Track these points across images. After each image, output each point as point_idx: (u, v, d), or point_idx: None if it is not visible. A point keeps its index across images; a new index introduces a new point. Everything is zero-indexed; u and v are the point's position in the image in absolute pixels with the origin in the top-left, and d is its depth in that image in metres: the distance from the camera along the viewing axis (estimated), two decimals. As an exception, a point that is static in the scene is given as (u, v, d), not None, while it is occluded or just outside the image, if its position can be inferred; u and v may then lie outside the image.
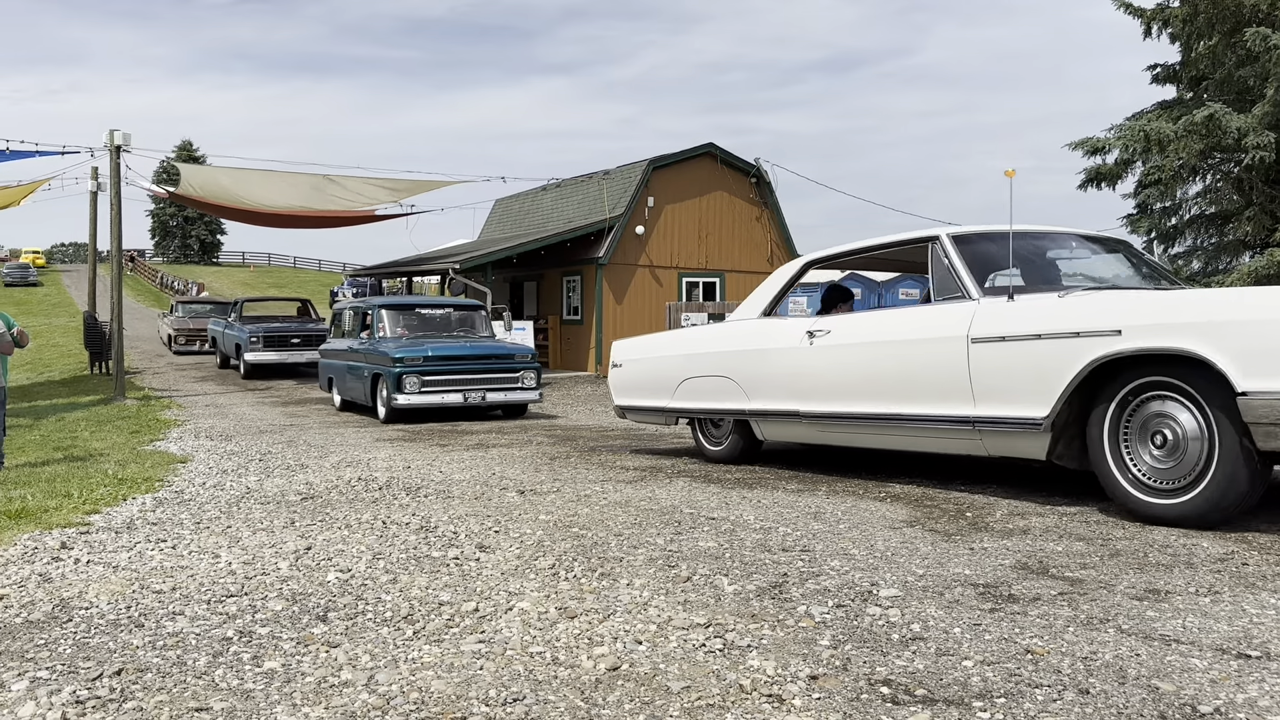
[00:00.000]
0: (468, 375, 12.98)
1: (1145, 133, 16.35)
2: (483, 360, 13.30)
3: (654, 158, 23.97)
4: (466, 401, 12.89)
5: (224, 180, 21.99)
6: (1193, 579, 3.70)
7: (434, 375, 12.69)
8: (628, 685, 2.73)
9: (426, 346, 13.11)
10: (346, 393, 14.65)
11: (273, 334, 21.84)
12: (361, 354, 13.94)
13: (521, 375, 13.36)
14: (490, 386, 13.11)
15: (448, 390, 12.80)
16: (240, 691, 2.75)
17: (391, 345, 13.26)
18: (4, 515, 5.59)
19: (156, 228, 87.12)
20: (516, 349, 14.02)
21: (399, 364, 12.60)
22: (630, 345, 8.67)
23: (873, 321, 6.33)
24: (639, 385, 8.28)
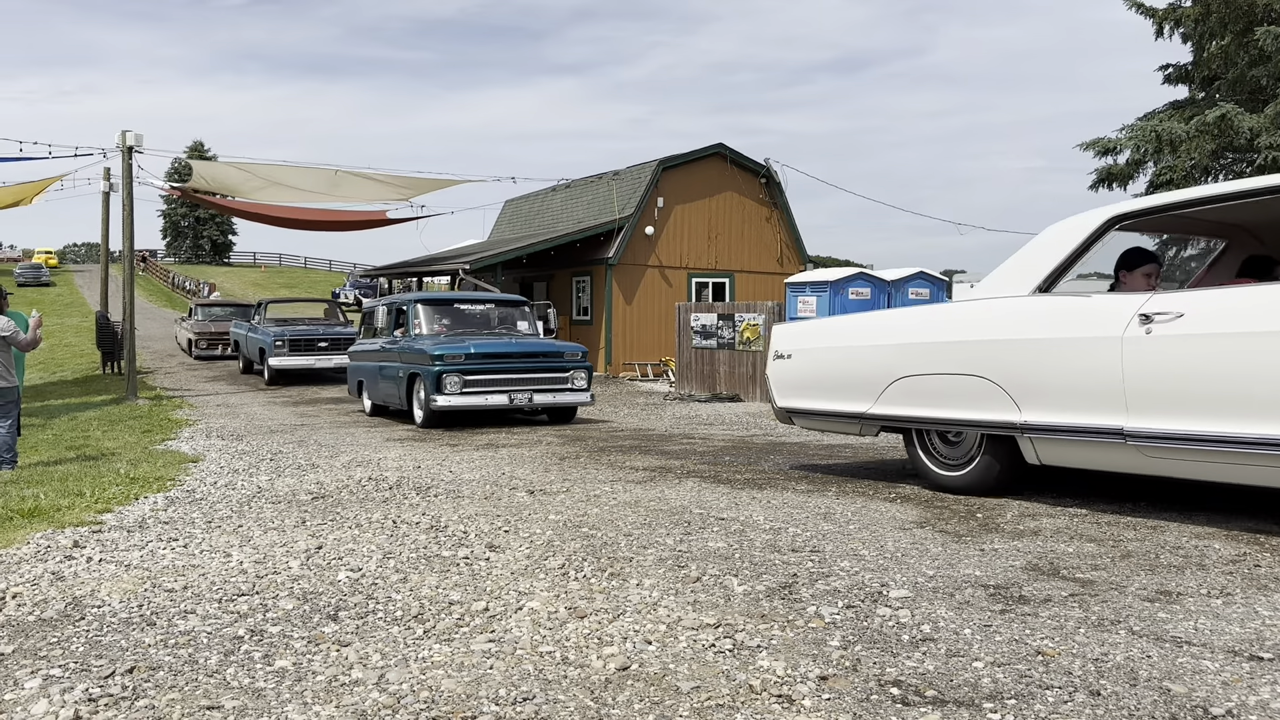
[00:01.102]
0: (513, 375, 11.87)
1: (1157, 133, 16.30)
2: (530, 359, 12.17)
3: (663, 158, 23.97)
4: (512, 403, 11.81)
5: (235, 175, 22.01)
6: (1204, 581, 3.68)
7: (477, 374, 11.63)
8: (637, 685, 2.73)
9: (468, 343, 12.01)
10: (378, 396, 13.68)
11: (299, 338, 20.32)
12: (396, 353, 12.90)
13: (571, 375, 12.23)
14: (538, 387, 12.00)
15: (491, 391, 11.72)
16: (251, 690, 2.76)
17: (429, 342, 12.21)
18: (17, 514, 5.63)
19: (168, 228, 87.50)
20: (566, 347, 12.75)
21: (438, 362, 11.56)
22: (803, 331, 6.99)
23: (1265, 300, 4.41)
24: (819, 382, 6.57)
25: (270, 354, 19.99)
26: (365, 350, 14.50)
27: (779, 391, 6.89)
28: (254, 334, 21.63)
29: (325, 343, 20.34)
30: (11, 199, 20.84)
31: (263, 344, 20.54)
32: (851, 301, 15.10)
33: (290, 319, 22.70)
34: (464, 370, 11.59)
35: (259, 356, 20.99)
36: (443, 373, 11.49)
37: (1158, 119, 16.97)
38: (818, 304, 15.12)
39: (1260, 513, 5.00)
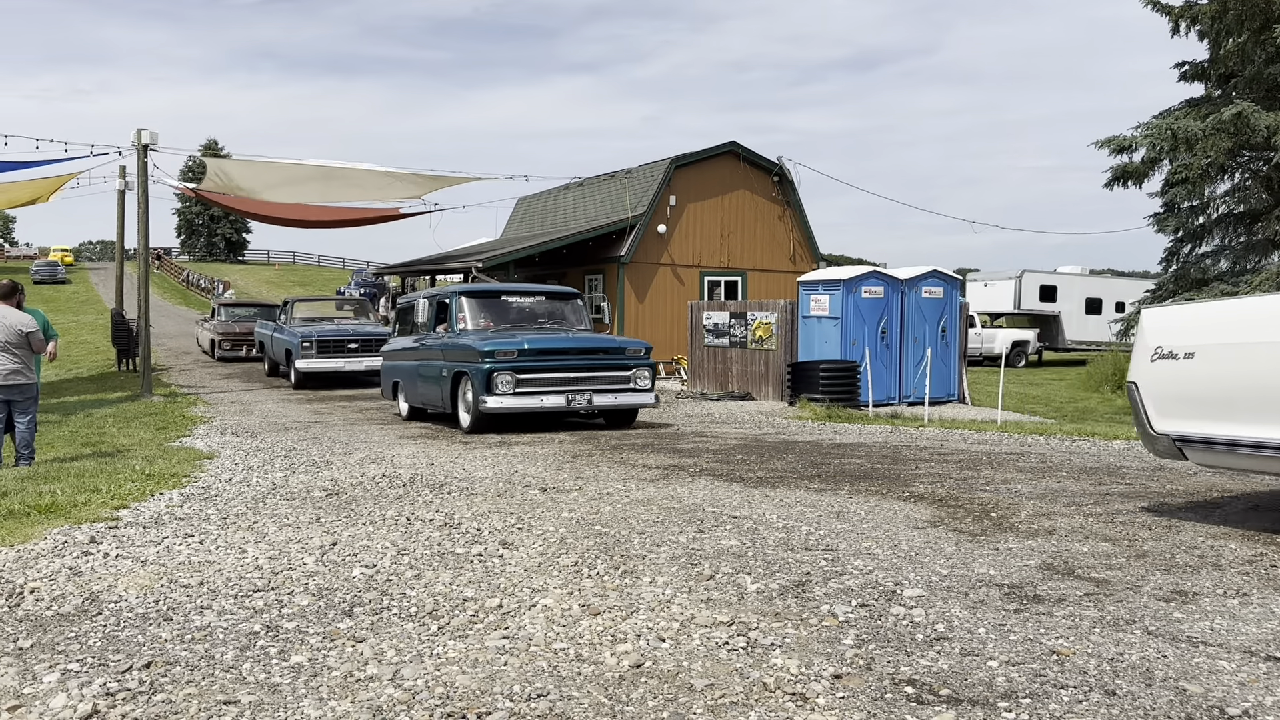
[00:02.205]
0: (571, 374, 10.76)
1: (1173, 131, 16.21)
2: (589, 355, 11.05)
3: (676, 156, 23.97)
4: (569, 405, 10.68)
5: (248, 173, 22.06)
6: (1220, 580, 3.67)
7: (531, 372, 10.53)
8: (651, 682, 2.74)
9: (521, 338, 10.90)
10: (417, 398, 12.57)
11: (328, 338, 18.80)
12: (438, 351, 11.76)
13: (634, 374, 11.10)
14: (597, 387, 10.85)
15: (547, 391, 10.61)
16: (267, 685, 2.77)
17: (477, 338, 11.11)
18: (34, 509, 5.66)
19: (183, 226, 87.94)
20: (628, 343, 11.64)
21: (488, 359, 10.47)
22: (1216, 316, 4.74)
23: None
24: (1253, 399, 4.25)
25: (297, 356, 18.58)
26: (401, 349, 13.43)
27: (1162, 409, 4.68)
28: (280, 334, 20.33)
29: (355, 343, 18.89)
30: (28, 197, 20.98)
31: (289, 345, 19.15)
32: (864, 300, 15.07)
33: (318, 318, 21.20)
34: (517, 368, 10.49)
35: (285, 358, 19.63)
36: (493, 371, 10.41)
37: (1173, 117, 16.88)
38: (830, 303, 15.09)
39: (1277, 514, 4.98)
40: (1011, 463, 7.23)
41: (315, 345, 18.56)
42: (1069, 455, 7.80)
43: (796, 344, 15.62)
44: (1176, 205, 18.44)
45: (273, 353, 21.06)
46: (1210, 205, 18.34)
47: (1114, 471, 6.70)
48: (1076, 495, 5.66)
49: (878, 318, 15.22)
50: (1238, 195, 17.91)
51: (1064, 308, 32.01)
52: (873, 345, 14.98)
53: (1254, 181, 17.62)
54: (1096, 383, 22.58)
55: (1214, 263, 17.99)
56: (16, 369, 8.61)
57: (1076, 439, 9.29)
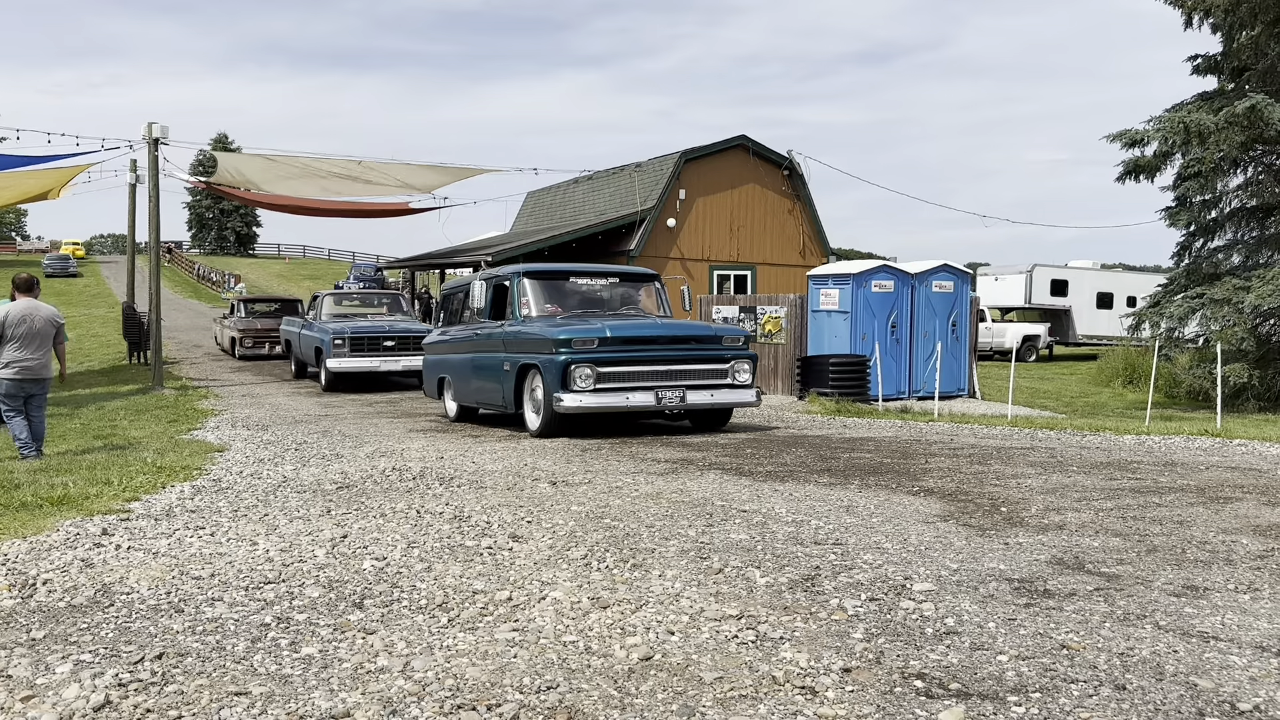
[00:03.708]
0: (660, 366, 9.32)
1: (1185, 124, 16.11)
2: (681, 344, 9.62)
3: (686, 150, 23.95)
4: (659, 403, 9.21)
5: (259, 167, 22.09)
6: (1232, 576, 3.66)
7: (614, 365, 9.13)
8: (660, 675, 2.74)
9: (601, 324, 9.48)
10: (469, 396, 11.23)
11: (361, 335, 17.10)
12: (498, 341, 10.31)
13: (733, 367, 9.64)
14: (691, 382, 9.41)
15: (633, 386, 9.19)
16: (278, 676, 2.78)
17: (547, 325, 9.70)
18: (47, 502, 5.70)
19: (193, 220, 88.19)
20: (725, 330, 10.24)
21: (564, 349, 9.08)
22: None
23: None
24: None
25: (328, 354, 16.87)
26: (449, 341, 11.91)
27: None
28: (309, 332, 18.47)
29: (392, 341, 17.20)
30: (39, 190, 21.05)
31: (319, 343, 17.43)
32: (874, 295, 15.03)
33: (350, 314, 19.45)
34: (597, 359, 9.07)
35: (315, 358, 17.92)
36: (571, 363, 8.99)
37: (1186, 110, 16.77)
38: (840, 297, 15.06)
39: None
40: (1022, 457, 7.21)
41: (348, 343, 16.88)
42: (1080, 450, 7.77)
43: (806, 338, 15.60)
44: (1189, 199, 18.33)
45: (300, 352, 19.40)
46: (1223, 199, 18.23)
47: (1125, 466, 6.68)
48: (1087, 490, 5.64)
49: (888, 312, 15.19)
50: (1250, 189, 17.79)
51: (1075, 302, 31.89)
52: (882, 340, 14.95)
53: (1267, 175, 17.52)
54: (1107, 377, 22.50)
55: (1226, 257, 17.88)
56: (46, 362, 8.73)
57: (1087, 434, 9.26)
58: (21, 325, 8.73)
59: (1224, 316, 15.72)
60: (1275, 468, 6.60)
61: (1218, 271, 17.35)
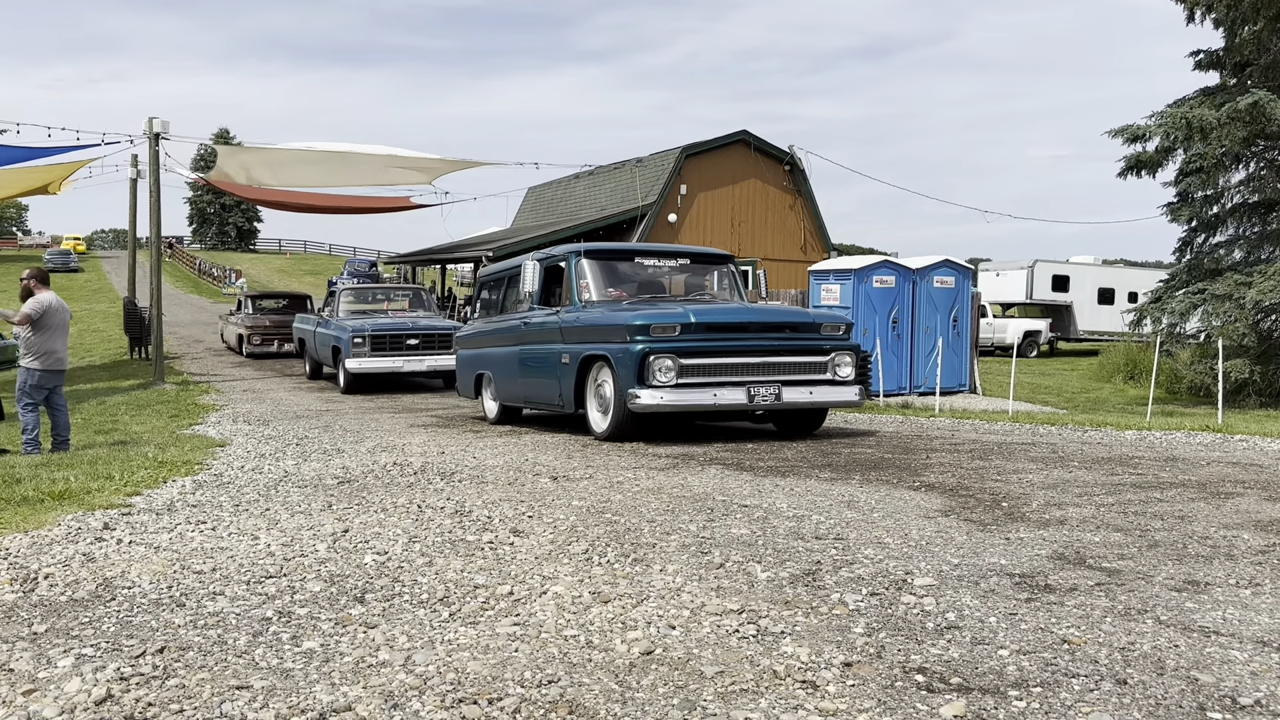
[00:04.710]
0: (752, 357, 8.08)
1: (1187, 120, 16.10)
2: (774, 333, 8.39)
3: (687, 145, 23.94)
4: (752, 402, 7.94)
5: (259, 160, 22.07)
6: (1233, 571, 3.66)
7: (699, 356, 7.94)
8: (661, 669, 2.74)
9: (684, 309, 8.30)
10: (515, 394, 10.08)
11: (383, 333, 15.87)
12: (554, 330, 9.15)
13: (834, 359, 8.38)
14: (787, 377, 8.16)
15: (721, 382, 7.97)
16: (280, 670, 2.79)
17: (615, 310, 8.62)
18: (48, 496, 5.70)
19: (194, 215, 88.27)
20: (824, 316, 8.93)
21: (641, 337, 7.88)
22: None
23: None
24: None
25: (348, 354, 15.55)
26: (490, 332, 10.79)
27: None
28: (325, 329, 17.15)
29: (416, 339, 15.99)
30: (39, 183, 21.05)
31: (338, 341, 16.12)
32: (875, 290, 15.03)
33: (369, 310, 18.23)
34: (679, 349, 7.86)
35: (332, 358, 16.56)
36: (649, 353, 7.78)
37: (1188, 106, 16.75)
38: (841, 292, 15.05)
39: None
40: (1023, 453, 7.21)
41: (369, 341, 15.57)
42: (1081, 445, 7.77)
43: (807, 333, 15.57)
44: (1190, 195, 18.32)
45: (315, 352, 18.08)
46: (1224, 195, 18.22)
47: (1126, 462, 6.68)
48: (1088, 485, 5.64)
49: (889, 307, 15.19)
50: (1252, 185, 17.77)
51: (1076, 298, 31.89)
52: (884, 335, 14.96)
53: (1269, 171, 17.50)
54: (1109, 373, 22.51)
55: (1228, 253, 17.87)
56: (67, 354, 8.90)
57: (1088, 429, 9.26)
58: (58, 315, 8.85)
59: (1225, 312, 15.72)
60: (1276, 463, 6.60)
61: (1219, 267, 17.34)
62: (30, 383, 8.78)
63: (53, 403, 9.03)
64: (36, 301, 8.78)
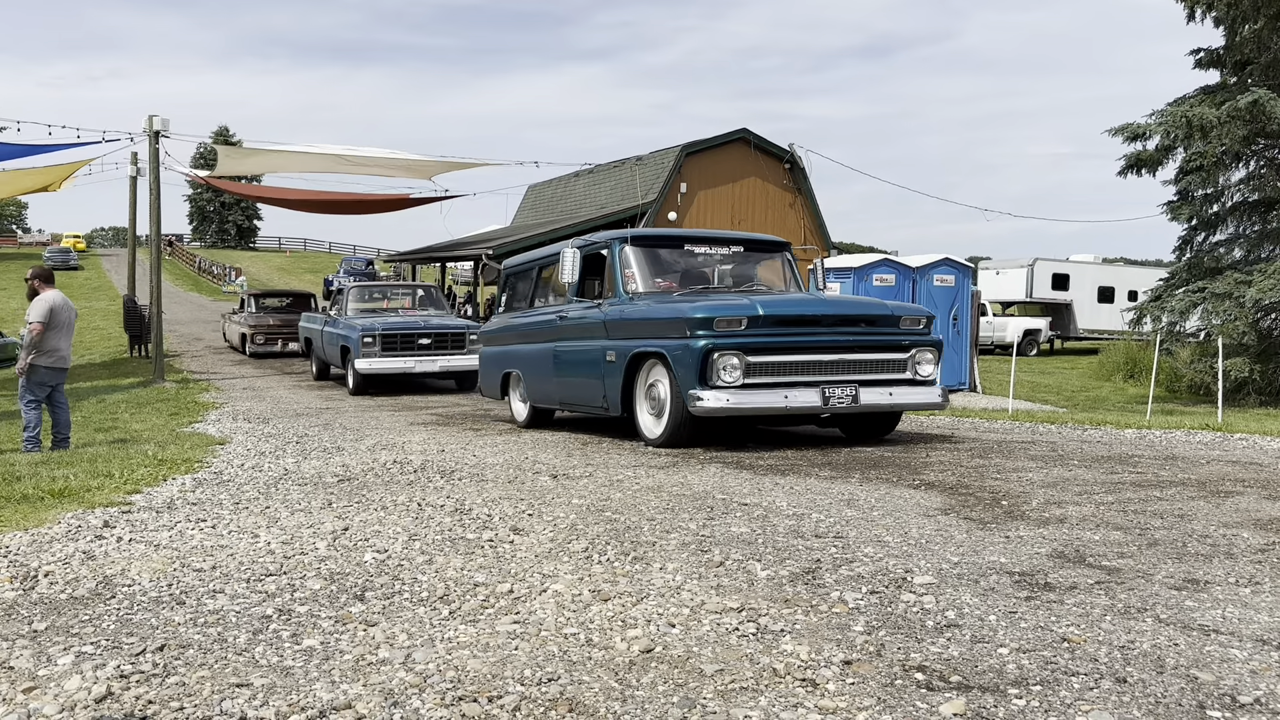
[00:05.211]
0: (827, 355, 7.35)
1: (1187, 118, 16.11)
2: (849, 326, 7.64)
3: (687, 143, 23.93)
4: (826, 404, 7.22)
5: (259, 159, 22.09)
6: (1233, 569, 3.66)
7: (769, 353, 7.21)
8: (661, 667, 2.74)
9: (749, 300, 7.53)
10: (549, 395, 9.39)
11: (394, 332, 15.23)
12: (597, 324, 8.39)
13: (914, 357, 7.67)
14: (865, 376, 7.44)
15: (793, 382, 7.23)
16: (280, 668, 2.79)
17: (670, 302, 7.93)
18: (48, 494, 5.70)
19: (194, 213, 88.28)
20: (903, 309, 8.05)
21: (704, 330, 7.13)
22: None
23: None
24: None
25: (357, 354, 14.97)
26: (519, 328, 10.09)
27: None
28: (333, 329, 16.54)
29: (428, 338, 15.39)
30: (40, 183, 21.06)
31: (347, 341, 15.51)
32: (875, 288, 15.02)
33: (379, 309, 17.58)
34: (747, 345, 7.13)
35: (340, 358, 16.01)
36: (713, 349, 7.03)
37: (1188, 104, 16.76)
38: (841, 290, 15.05)
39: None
40: (1023, 451, 7.21)
41: (380, 341, 14.99)
42: (1080, 444, 7.78)
43: (807, 332, 15.57)
44: (1190, 193, 18.33)
45: (323, 352, 17.47)
46: (1224, 193, 18.23)
47: (1126, 460, 6.68)
48: (1088, 484, 5.65)
49: (889, 306, 15.17)
50: (1252, 183, 17.78)
51: (1076, 296, 31.90)
52: (883, 333, 14.94)
53: (1269, 170, 17.50)
54: (1109, 372, 22.52)
55: (1228, 251, 17.88)
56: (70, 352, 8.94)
57: (1088, 428, 9.27)
58: (63, 314, 8.87)
59: (1225, 311, 15.73)
60: (1276, 462, 6.60)
61: (1219, 266, 17.35)
62: (34, 380, 8.79)
63: (54, 400, 9.04)
64: (42, 302, 8.78)
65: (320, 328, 17.55)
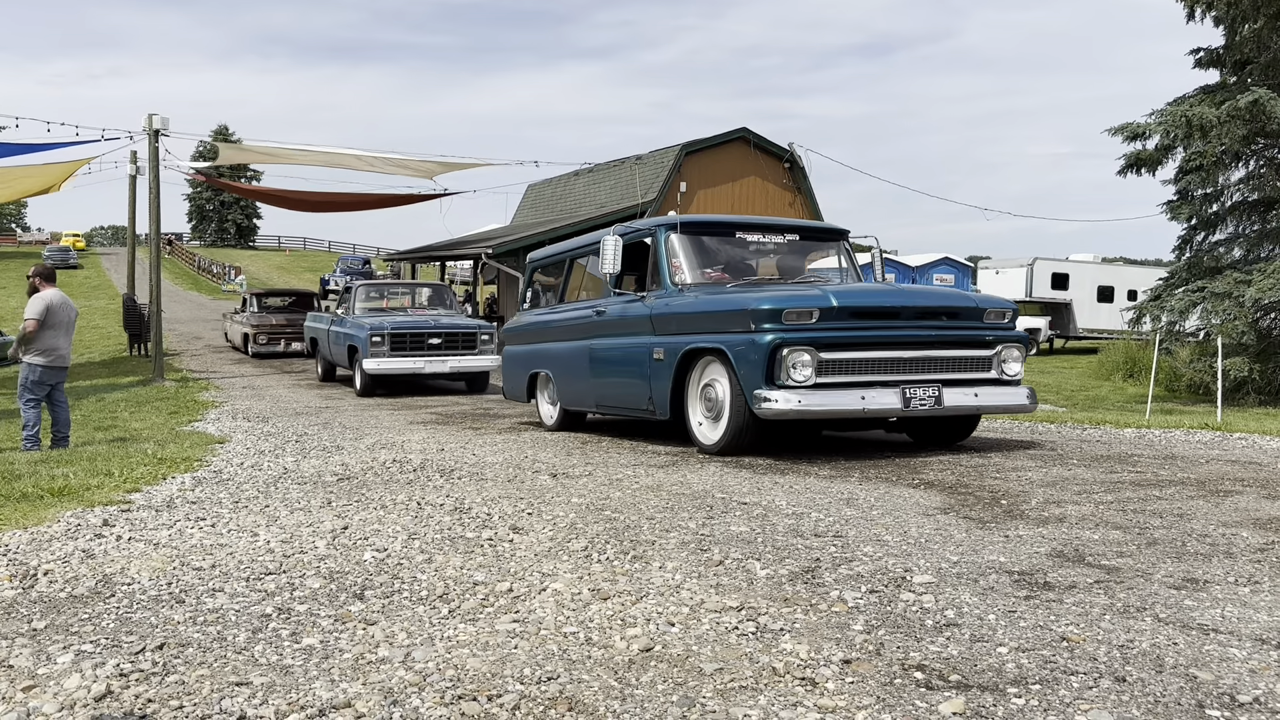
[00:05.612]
0: (907, 351, 6.71)
1: (1187, 118, 16.10)
2: (930, 320, 6.95)
3: (686, 142, 23.94)
4: (907, 406, 6.55)
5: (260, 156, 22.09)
6: (1232, 568, 3.66)
7: (844, 349, 6.55)
8: (661, 666, 2.74)
9: (824, 291, 6.80)
10: (585, 396, 8.78)
11: (403, 331, 14.71)
12: (642, 319, 7.76)
13: (999, 354, 7.02)
14: (948, 375, 6.82)
15: (870, 381, 6.60)
16: (279, 666, 2.79)
17: (719, 294, 7.27)
18: (47, 492, 5.70)
19: (194, 212, 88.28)
20: (987, 301, 7.29)
21: (772, 324, 6.51)
22: None
23: None
24: None
25: (365, 354, 14.45)
26: (549, 324, 9.55)
27: None
28: (340, 328, 15.99)
29: (438, 338, 14.89)
30: (41, 185, 21.06)
31: (355, 340, 14.99)
32: (875, 287, 15.03)
33: (387, 308, 17.01)
34: (820, 340, 6.48)
35: (347, 358, 15.49)
36: (782, 345, 6.39)
37: (1188, 104, 16.74)
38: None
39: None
40: (1022, 450, 7.21)
41: (388, 340, 14.48)
42: (1080, 443, 7.78)
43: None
44: (1190, 193, 18.32)
45: (329, 352, 16.94)
46: (1224, 193, 18.22)
47: (1125, 460, 6.68)
48: (1087, 483, 5.65)
49: (888, 305, 15.16)
50: (1252, 183, 17.77)
51: (1076, 295, 31.90)
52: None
53: (1268, 169, 17.50)
54: (1108, 371, 22.52)
55: (1227, 251, 17.87)
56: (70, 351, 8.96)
57: (1088, 427, 9.27)
58: (61, 313, 8.87)
59: (1225, 310, 15.72)
60: (1275, 461, 6.60)
61: (1219, 265, 17.34)
62: (32, 379, 8.79)
63: (54, 399, 9.05)
64: (39, 300, 8.78)
65: (327, 327, 17.08)
